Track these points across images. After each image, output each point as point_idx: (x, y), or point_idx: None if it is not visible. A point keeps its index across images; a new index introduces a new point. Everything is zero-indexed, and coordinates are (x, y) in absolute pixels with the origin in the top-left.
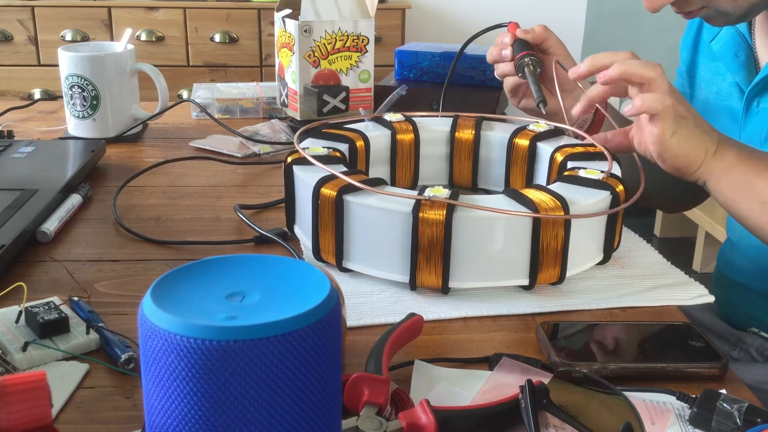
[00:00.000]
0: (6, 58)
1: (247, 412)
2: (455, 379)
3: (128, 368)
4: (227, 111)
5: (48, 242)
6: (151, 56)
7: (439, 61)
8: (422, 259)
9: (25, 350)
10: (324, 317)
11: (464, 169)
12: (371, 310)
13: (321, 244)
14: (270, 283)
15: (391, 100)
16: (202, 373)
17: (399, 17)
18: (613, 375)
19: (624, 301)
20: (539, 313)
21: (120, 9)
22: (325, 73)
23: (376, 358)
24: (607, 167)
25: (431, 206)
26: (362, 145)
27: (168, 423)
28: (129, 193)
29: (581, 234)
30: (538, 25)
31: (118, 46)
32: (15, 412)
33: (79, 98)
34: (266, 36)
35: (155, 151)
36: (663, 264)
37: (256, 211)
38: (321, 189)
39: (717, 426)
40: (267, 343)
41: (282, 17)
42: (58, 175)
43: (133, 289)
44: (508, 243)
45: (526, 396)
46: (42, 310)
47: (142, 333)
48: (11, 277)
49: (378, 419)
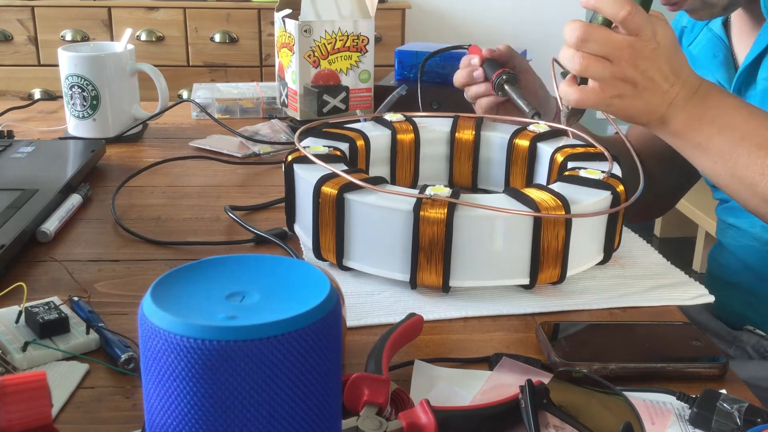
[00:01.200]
0: (6, 58)
1: (247, 412)
2: (455, 379)
3: (128, 368)
4: (227, 111)
5: (48, 242)
6: (151, 56)
7: (439, 61)
8: (423, 257)
9: (25, 350)
10: (324, 317)
11: (464, 170)
12: (371, 310)
13: (321, 243)
14: (270, 283)
15: (391, 100)
16: (202, 373)
17: (399, 17)
18: (613, 375)
19: (624, 301)
20: (539, 313)
21: (120, 9)
22: (325, 73)
23: (376, 358)
24: (608, 167)
25: (432, 205)
26: (362, 145)
27: (168, 423)
28: (129, 193)
29: (582, 234)
30: (502, 45)
31: (118, 46)
32: (15, 412)
33: (79, 98)
34: (266, 36)
35: (155, 151)
36: (663, 264)
37: (256, 210)
38: (322, 187)
39: (717, 426)
40: (267, 343)
41: (282, 17)
42: (58, 175)
43: (133, 289)
44: (508, 242)
45: (526, 396)
46: (42, 310)
47: (142, 333)
48: (11, 277)
49: (378, 419)
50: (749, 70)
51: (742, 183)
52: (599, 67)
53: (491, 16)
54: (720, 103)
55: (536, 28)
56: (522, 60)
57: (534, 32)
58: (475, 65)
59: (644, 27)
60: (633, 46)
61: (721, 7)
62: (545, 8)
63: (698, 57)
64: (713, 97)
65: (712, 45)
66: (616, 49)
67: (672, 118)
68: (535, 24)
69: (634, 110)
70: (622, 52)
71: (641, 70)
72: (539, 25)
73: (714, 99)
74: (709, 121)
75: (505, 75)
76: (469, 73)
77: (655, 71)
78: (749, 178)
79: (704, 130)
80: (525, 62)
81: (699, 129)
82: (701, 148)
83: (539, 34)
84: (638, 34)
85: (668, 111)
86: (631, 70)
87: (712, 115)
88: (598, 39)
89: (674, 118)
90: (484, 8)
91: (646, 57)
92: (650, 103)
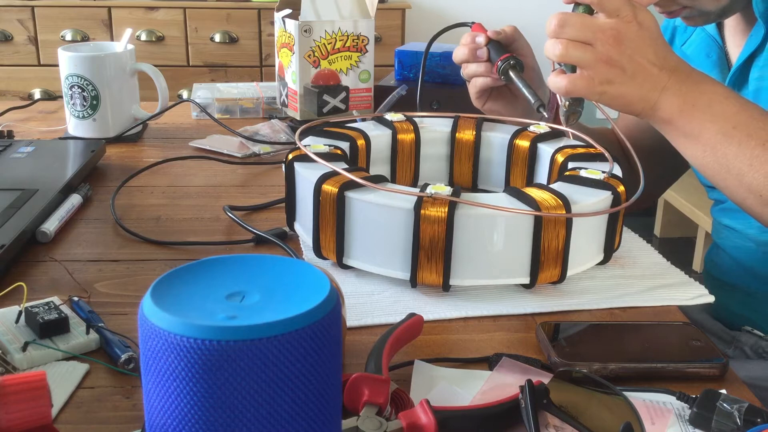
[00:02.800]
0: (6, 58)
1: (247, 412)
2: (455, 379)
3: (128, 368)
4: (227, 111)
5: (48, 242)
6: (151, 56)
7: (439, 61)
8: (423, 256)
9: (25, 350)
10: (324, 317)
11: (464, 170)
12: (371, 310)
13: (322, 241)
14: (270, 283)
15: (391, 100)
16: (202, 373)
17: (399, 17)
18: (613, 375)
19: (624, 301)
20: (539, 313)
21: (120, 9)
22: (325, 73)
23: (376, 358)
24: (608, 168)
25: (433, 203)
26: (363, 144)
27: (168, 423)
28: (129, 193)
29: (582, 233)
30: (508, 26)
31: (118, 46)
32: (15, 412)
33: (79, 98)
34: (266, 36)
35: (155, 151)
36: (663, 264)
37: (256, 210)
38: (322, 185)
39: (717, 426)
40: (267, 343)
41: (282, 17)
42: (58, 175)
43: (133, 289)
44: (509, 241)
45: (526, 396)
46: (42, 310)
47: (142, 333)
48: (11, 277)
49: (378, 419)
50: (741, 70)
51: (729, 173)
52: (579, 51)
53: (491, 16)
54: (713, 91)
55: (537, 29)
56: (525, 44)
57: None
58: (479, 44)
59: (622, 8)
60: (614, 27)
61: (716, 14)
62: (546, 9)
63: (692, 57)
64: (706, 85)
65: (705, 45)
66: (596, 32)
67: (665, 103)
68: (536, 25)
69: (626, 97)
70: (604, 35)
71: (627, 54)
72: (540, 26)
73: (707, 86)
74: (702, 108)
75: (512, 60)
76: (471, 51)
77: (640, 55)
78: (737, 169)
79: (697, 116)
80: (528, 47)
81: (692, 115)
82: (693, 135)
83: (540, 35)
84: (618, 15)
85: (661, 96)
86: (614, 52)
87: (706, 101)
88: (576, 23)
89: (668, 103)
90: (485, 8)
91: (630, 39)
92: (642, 87)
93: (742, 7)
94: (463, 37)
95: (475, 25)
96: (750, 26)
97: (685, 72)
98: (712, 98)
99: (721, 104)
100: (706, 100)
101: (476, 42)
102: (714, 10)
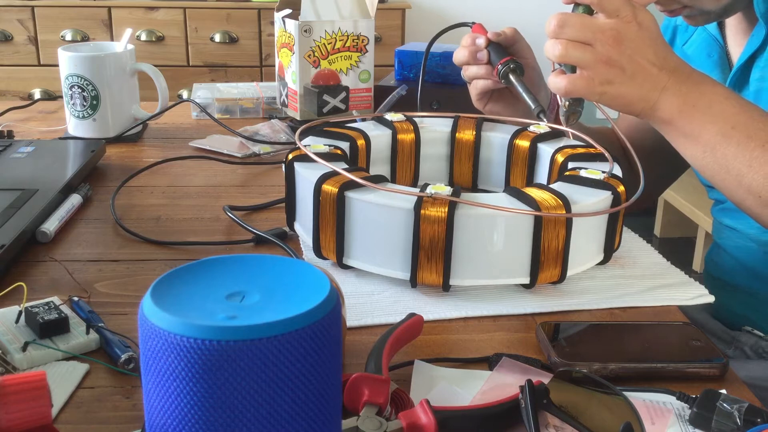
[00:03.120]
0: (6, 58)
1: (247, 412)
2: (455, 379)
3: (128, 368)
4: (227, 111)
5: (48, 242)
6: (151, 56)
7: (439, 61)
8: (423, 256)
9: (25, 350)
10: (324, 317)
11: (464, 170)
12: (371, 310)
13: (322, 241)
14: (270, 283)
15: (391, 100)
16: (202, 373)
17: (399, 17)
18: (613, 375)
19: (624, 301)
20: (539, 313)
21: (120, 9)
22: (325, 73)
23: (376, 358)
24: (608, 168)
25: (433, 203)
26: (363, 144)
27: (168, 423)
28: (129, 193)
29: (582, 233)
30: (509, 28)
31: (118, 46)
32: (15, 412)
33: (79, 98)
34: (266, 36)
35: (155, 151)
36: (663, 264)
37: (256, 210)
38: (322, 185)
39: (717, 426)
40: (267, 343)
41: (282, 17)
42: (58, 175)
43: (133, 289)
44: (509, 241)
45: (526, 396)
46: (42, 310)
47: (142, 333)
48: (11, 277)
49: (378, 419)
50: (742, 70)
51: (729, 173)
52: (578, 51)
53: (491, 17)
54: (713, 91)
55: (537, 29)
56: (525, 46)
57: (535, 34)
58: (479, 46)
59: (622, 8)
60: (614, 27)
61: (717, 14)
62: (546, 9)
63: (693, 57)
64: (706, 85)
65: (706, 45)
66: (596, 32)
67: (665, 103)
68: (536, 25)
69: (626, 97)
70: (603, 35)
71: (627, 54)
72: (540, 26)
73: (707, 86)
74: (702, 108)
75: (512, 64)
76: (472, 53)
77: (640, 55)
78: (736, 169)
79: (697, 117)
80: (528, 48)
81: (692, 116)
82: (693, 136)
83: (540, 36)
84: (617, 15)
85: (661, 96)
86: (614, 52)
87: (706, 102)
88: (575, 23)
89: (667, 103)
90: (485, 8)
91: (630, 39)
92: (642, 87)
93: (744, 6)
94: (463, 38)
95: (475, 25)
96: (751, 26)
97: (685, 72)
98: (712, 99)
99: (721, 105)
100: (706, 101)
101: (476, 44)
102: (714, 9)
